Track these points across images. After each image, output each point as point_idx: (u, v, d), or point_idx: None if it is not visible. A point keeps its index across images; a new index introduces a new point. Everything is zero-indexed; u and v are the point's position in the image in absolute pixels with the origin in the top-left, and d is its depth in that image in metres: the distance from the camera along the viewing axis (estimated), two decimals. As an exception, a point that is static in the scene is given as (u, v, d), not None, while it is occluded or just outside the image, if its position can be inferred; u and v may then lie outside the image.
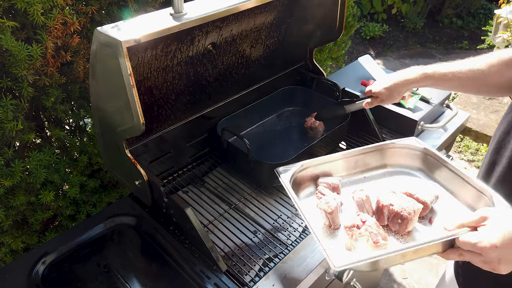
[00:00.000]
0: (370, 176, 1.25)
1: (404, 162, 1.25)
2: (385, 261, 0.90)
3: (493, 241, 0.76)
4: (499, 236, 0.76)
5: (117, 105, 1.05)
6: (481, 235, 0.79)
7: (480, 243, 0.77)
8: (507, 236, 0.75)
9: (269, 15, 1.47)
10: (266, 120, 1.70)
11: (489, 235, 0.77)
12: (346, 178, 1.24)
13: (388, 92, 1.30)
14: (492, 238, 0.76)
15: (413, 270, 2.47)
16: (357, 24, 2.78)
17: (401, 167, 1.26)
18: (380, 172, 1.26)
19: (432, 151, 1.20)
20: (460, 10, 5.56)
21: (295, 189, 1.14)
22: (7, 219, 1.35)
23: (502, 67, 1.10)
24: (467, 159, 3.31)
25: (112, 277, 1.14)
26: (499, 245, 0.75)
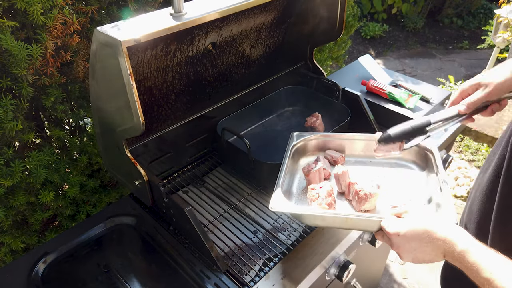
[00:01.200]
0: (376, 162, 1.30)
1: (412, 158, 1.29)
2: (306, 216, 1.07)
3: (397, 230, 0.89)
4: (405, 228, 0.89)
5: (117, 105, 1.05)
6: (394, 223, 0.92)
7: (388, 228, 0.92)
8: (411, 229, 0.87)
9: (269, 15, 1.47)
10: (266, 120, 1.70)
11: (398, 224, 0.91)
12: (354, 158, 1.34)
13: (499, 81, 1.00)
14: (398, 227, 0.90)
15: (413, 270, 2.47)
16: (357, 24, 2.78)
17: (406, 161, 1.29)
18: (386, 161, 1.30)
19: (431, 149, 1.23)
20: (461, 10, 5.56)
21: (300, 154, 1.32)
22: (7, 219, 1.35)
23: None
24: (467, 159, 3.31)
25: (112, 277, 1.14)
26: (401, 234, 0.88)
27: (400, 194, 1.18)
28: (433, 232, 0.84)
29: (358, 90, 1.62)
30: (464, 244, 0.79)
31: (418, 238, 0.86)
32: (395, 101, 1.72)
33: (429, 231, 0.85)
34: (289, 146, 1.29)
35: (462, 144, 3.44)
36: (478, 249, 0.78)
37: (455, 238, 0.81)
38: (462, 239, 0.80)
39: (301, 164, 1.33)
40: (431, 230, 0.85)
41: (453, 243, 0.80)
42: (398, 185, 1.21)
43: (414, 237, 0.87)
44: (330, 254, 1.16)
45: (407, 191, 1.19)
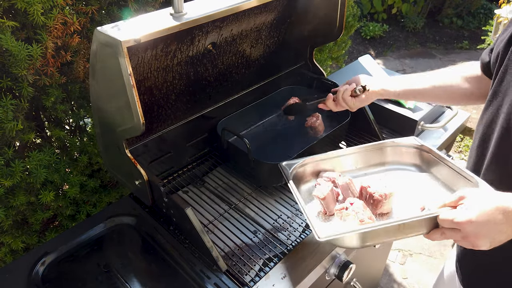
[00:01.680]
0: (370, 172, 1.28)
1: (402, 160, 1.28)
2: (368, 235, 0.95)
3: (469, 216, 0.81)
4: (475, 212, 0.81)
5: (117, 105, 1.05)
6: (459, 211, 0.85)
7: (457, 218, 0.83)
8: (482, 211, 0.80)
9: (269, 15, 1.47)
10: (266, 120, 1.70)
11: (466, 211, 0.83)
12: (348, 174, 1.28)
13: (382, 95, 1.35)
14: (468, 213, 0.82)
15: (413, 270, 2.47)
16: (357, 24, 2.78)
17: (400, 164, 1.29)
18: (380, 169, 1.29)
19: (428, 148, 1.23)
20: (460, 10, 5.56)
21: (296, 184, 1.19)
22: (7, 219, 1.35)
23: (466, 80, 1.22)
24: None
25: (112, 277, 1.14)
26: (474, 220, 0.80)
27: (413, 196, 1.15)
28: (504, 206, 0.79)
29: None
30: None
31: (493, 218, 0.79)
32: (395, 101, 1.72)
33: (500, 207, 0.79)
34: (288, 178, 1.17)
35: (462, 144, 3.44)
36: None
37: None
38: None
39: (303, 191, 1.24)
40: (502, 205, 0.79)
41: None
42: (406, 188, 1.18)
43: (488, 219, 0.79)
44: (330, 254, 1.17)
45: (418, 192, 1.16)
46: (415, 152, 1.27)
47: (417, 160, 1.27)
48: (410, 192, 1.18)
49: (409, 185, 1.21)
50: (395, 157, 1.29)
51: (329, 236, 0.93)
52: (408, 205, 1.13)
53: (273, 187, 1.40)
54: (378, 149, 1.29)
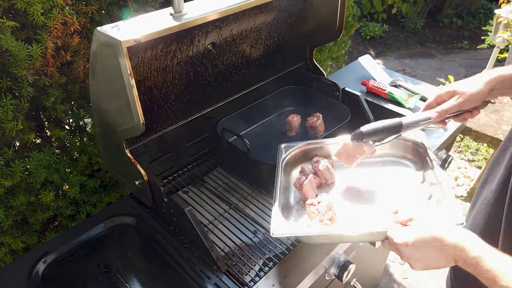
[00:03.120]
0: (366, 162, 1.28)
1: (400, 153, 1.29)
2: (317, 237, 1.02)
3: (406, 240, 0.86)
4: (412, 237, 0.86)
5: (117, 105, 1.05)
6: (401, 232, 0.89)
7: (396, 239, 0.89)
8: (419, 238, 0.85)
9: (269, 15, 1.47)
10: (266, 120, 1.70)
11: (406, 234, 0.88)
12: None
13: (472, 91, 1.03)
14: (406, 237, 0.87)
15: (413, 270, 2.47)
16: (357, 24, 2.78)
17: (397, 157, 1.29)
18: (377, 160, 1.29)
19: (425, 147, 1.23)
20: (460, 10, 5.56)
21: (292, 166, 1.28)
22: (7, 219, 1.35)
23: None
24: (467, 159, 3.31)
25: (112, 277, 1.14)
26: (409, 244, 0.85)
27: (398, 194, 1.17)
28: (442, 238, 0.81)
29: (358, 90, 1.62)
30: (477, 250, 0.76)
31: (428, 246, 0.83)
32: (395, 101, 1.72)
33: (437, 238, 0.82)
34: (279, 160, 1.24)
35: (462, 144, 3.44)
36: (493, 255, 0.75)
37: (467, 244, 0.78)
38: (475, 245, 0.77)
39: (294, 176, 1.28)
40: (440, 237, 0.82)
41: (465, 249, 0.78)
42: (394, 184, 1.20)
43: (423, 246, 0.84)
44: (330, 254, 1.17)
45: (404, 190, 1.18)
46: (413, 148, 1.26)
47: (414, 156, 1.27)
48: (395, 189, 1.19)
49: (399, 182, 1.21)
50: (394, 150, 1.29)
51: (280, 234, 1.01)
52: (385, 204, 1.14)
53: (273, 187, 1.39)
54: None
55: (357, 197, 1.18)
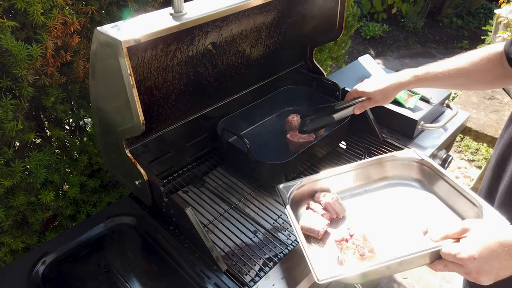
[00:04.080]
0: (370, 188, 1.27)
1: (403, 174, 1.27)
2: (370, 273, 0.92)
3: (472, 253, 0.78)
4: (478, 248, 0.78)
5: (117, 105, 1.05)
6: (461, 246, 0.81)
7: (459, 254, 0.80)
8: (485, 248, 0.77)
9: (269, 15, 1.47)
10: (266, 120, 1.70)
11: (469, 246, 0.80)
12: (347, 192, 1.26)
13: (382, 95, 1.32)
14: (471, 249, 0.79)
15: (413, 270, 2.47)
16: (357, 24, 2.78)
17: (400, 178, 1.27)
18: (381, 184, 1.27)
19: (429, 163, 1.21)
20: (460, 10, 5.56)
21: (295, 206, 1.20)
22: (7, 219, 1.35)
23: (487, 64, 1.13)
24: (467, 159, 3.31)
25: (112, 277, 1.14)
26: (477, 257, 0.78)
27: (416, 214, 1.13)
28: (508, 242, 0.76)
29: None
30: None
31: (496, 254, 0.77)
32: (395, 101, 1.72)
33: (503, 242, 0.76)
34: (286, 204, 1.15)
35: (462, 144, 3.44)
36: None
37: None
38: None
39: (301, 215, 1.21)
40: (505, 241, 0.76)
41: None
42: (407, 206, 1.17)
43: (491, 255, 0.77)
44: (330, 254, 1.16)
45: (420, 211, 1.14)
46: (415, 166, 1.25)
47: (418, 175, 1.25)
48: (412, 210, 1.16)
49: (410, 203, 1.19)
50: (396, 172, 1.27)
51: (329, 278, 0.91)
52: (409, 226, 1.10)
53: (273, 187, 1.39)
54: (377, 164, 1.27)
55: (376, 226, 1.13)
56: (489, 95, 3.72)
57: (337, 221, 1.18)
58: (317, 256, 1.06)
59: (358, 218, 1.18)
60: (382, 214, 1.17)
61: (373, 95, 1.33)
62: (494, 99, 3.68)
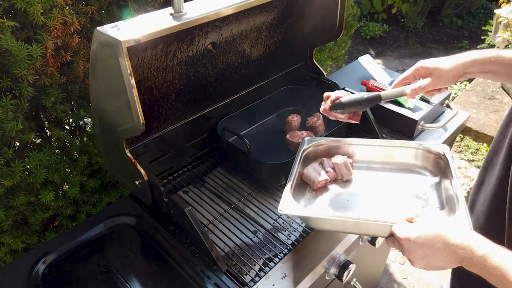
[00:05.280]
0: (386, 168, 1.28)
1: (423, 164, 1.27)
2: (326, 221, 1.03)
3: (409, 235, 0.87)
4: (416, 233, 0.86)
5: (117, 105, 1.05)
6: (405, 228, 0.90)
7: (399, 233, 0.90)
8: (422, 234, 0.85)
9: (269, 15, 1.47)
10: (266, 120, 1.70)
11: (410, 229, 0.88)
12: (365, 163, 1.30)
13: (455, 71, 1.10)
14: (410, 232, 0.87)
15: (413, 270, 2.47)
16: (357, 24, 2.78)
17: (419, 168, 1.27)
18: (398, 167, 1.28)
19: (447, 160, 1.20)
20: (460, 10, 5.56)
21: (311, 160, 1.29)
22: (7, 219, 1.35)
23: None
24: (467, 159, 3.32)
25: (112, 277, 1.14)
26: (412, 240, 0.86)
27: (412, 201, 1.16)
28: (446, 237, 0.81)
29: (358, 90, 1.62)
30: (484, 248, 0.76)
31: (431, 243, 0.83)
32: (395, 101, 1.72)
33: (441, 236, 0.82)
34: (300, 151, 1.25)
35: (462, 144, 3.44)
36: (501, 253, 0.74)
37: (473, 243, 0.78)
38: (481, 244, 0.77)
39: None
40: (444, 235, 0.82)
41: (471, 248, 0.77)
42: (410, 191, 1.19)
43: (426, 243, 0.84)
44: (330, 254, 1.17)
45: (419, 197, 1.17)
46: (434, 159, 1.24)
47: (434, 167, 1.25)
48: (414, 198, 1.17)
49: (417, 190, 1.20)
50: (418, 161, 1.27)
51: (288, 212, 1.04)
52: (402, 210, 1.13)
53: (273, 187, 1.40)
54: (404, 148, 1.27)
55: (370, 199, 1.18)
56: (489, 95, 3.72)
57: (341, 183, 1.24)
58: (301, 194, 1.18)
59: (361, 186, 1.23)
60: (385, 192, 1.20)
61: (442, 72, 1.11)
62: (494, 99, 3.68)
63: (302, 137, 1.47)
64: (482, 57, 1.10)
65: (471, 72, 1.11)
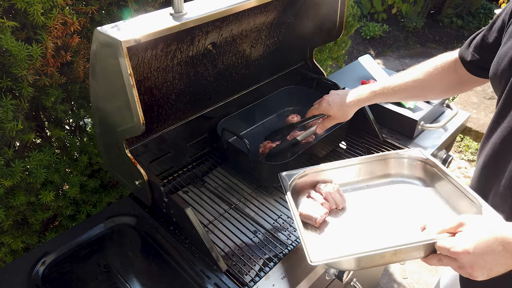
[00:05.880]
0: (372, 184, 1.26)
1: (406, 172, 1.27)
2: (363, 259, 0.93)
3: (466, 247, 0.78)
4: (472, 242, 0.78)
5: (117, 105, 1.05)
6: (456, 240, 0.81)
7: (454, 248, 0.80)
8: (480, 243, 0.77)
9: (269, 15, 1.47)
10: (266, 120, 1.70)
11: (463, 241, 0.80)
12: (349, 185, 1.26)
13: (343, 112, 1.34)
14: (465, 244, 0.79)
15: (413, 270, 2.47)
16: (357, 24, 2.78)
17: (403, 176, 1.27)
18: (383, 181, 1.27)
19: (433, 162, 1.20)
20: (460, 10, 5.56)
21: (295, 195, 1.20)
22: (7, 219, 1.35)
23: (441, 72, 1.19)
24: (467, 159, 3.32)
25: (112, 277, 1.14)
26: (471, 251, 0.77)
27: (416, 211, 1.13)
28: (505, 237, 0.75)
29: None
30: None
31: (491, 249, 0.76)
32: (395, 101, 1.72)
33: (499, 237, 0.76)
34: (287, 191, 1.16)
35: (462, 144, 3.44)
36: None
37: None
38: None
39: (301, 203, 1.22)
40: (502, 236, 0.76)
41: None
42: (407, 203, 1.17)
43: (486, 250, 0.76)
44: (330, 254, 1.16)
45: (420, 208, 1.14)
46: (419, 165, 1.24)
47: (422, 173, 1.24)
48: (412, 207, 1.16)
49: (411, 200, 1.19)
50: (399, 170, 1.27)
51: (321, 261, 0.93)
52: (409, 222, 1.10)
53: (273, 187, 1.40)
54: (382, 160, 1.26)
55: (375, 221, 1.14)
56: (489, 95, 3.72)
57: (336, 212, 1.19)
58: (313, 241, 1.09)
59: (357, 210, 1.19)
60: (382, 209, 1.17)
61: (333, 113, 1.35)
62: (494, 99, 3.68)
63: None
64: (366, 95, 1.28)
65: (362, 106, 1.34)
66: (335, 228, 1.14)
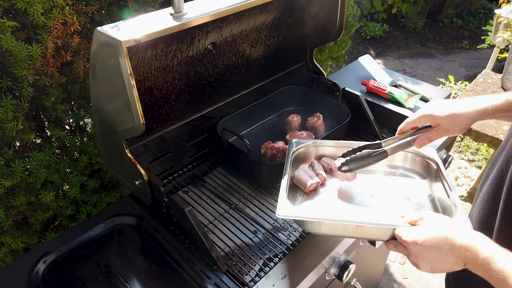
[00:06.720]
0: (376, 170, 1.27)
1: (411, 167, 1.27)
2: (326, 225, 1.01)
3: (416, 238, 0.85)
4: (423, 236, 0.85)
5: (117, 105, 1.05)
6: (411, 231, 0.89)
7: (405, 237, 0.88)
8: (430, 237, 0.83)
9: (269, 15, 1.47)
10: (266, 120, 1.70)
11: (416, 232, 0.87)
12: None
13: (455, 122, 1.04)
14: (417, 235, 0.86)
15: (413, 270, 2.47)
16: (357, 24, 2.78)
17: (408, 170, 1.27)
18: (388, 170, 1.28)
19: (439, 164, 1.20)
20: (460, 10, 5.56)
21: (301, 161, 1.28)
22: (7, 219, 1.35)
23: None
24: (467, 159, 3.32)
25: (112, 277, 1.14)
26: (419, 243, 0.84)
27: (404, 203, 1.15)
28: (453, 238, 0.80)
29: (358, 90, 1.62)
30: (488, 250, 0.75)
31: (438, 246, 0.81)
32: (395, 101, 1.72)
33: (449, 237, 0.80)
34: (289, 153, 1.24)
35: (462, 144, 3.44)
36: (505, 256, 0.74)
37: (478, 245, 0.77)
38: (486, 246, 0.76)
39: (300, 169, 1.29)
40: (451, 237, 0.80)
41: (475, 249, 0.76)
42: (400, 194, 1.19)
43: (433, 245, 0.82)
44: (330, 254, 1.17)
45: (411, 200, 1.17)
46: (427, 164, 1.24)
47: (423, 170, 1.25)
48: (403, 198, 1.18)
49: (405, 192, 1.20)
50: (406, 163, 1.27)
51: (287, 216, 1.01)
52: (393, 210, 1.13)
53: (273, 187, 1.40)
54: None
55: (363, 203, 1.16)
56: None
57: (331, 186, 1.23)
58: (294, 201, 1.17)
59: (351, 190, 1.22)
60: (374, 193, 1.19)
61: (443, 121, 1.05)
62: (494, 99, 3.68)
63: (302, 137, 1.47)
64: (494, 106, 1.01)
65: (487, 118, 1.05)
66: (322, 198, 1.19)
